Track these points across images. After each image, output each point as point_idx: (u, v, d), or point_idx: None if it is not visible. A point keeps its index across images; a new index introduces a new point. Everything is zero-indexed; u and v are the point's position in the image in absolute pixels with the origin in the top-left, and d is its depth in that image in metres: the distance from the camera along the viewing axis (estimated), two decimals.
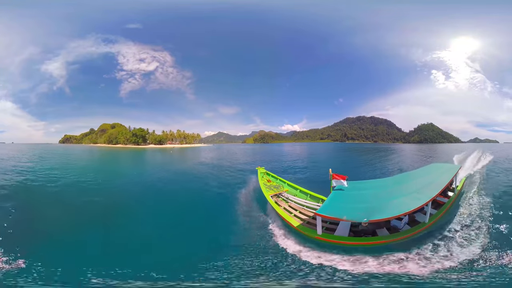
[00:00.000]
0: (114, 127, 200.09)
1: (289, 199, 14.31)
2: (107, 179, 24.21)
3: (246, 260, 8.63)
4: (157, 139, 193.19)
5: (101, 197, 17.02)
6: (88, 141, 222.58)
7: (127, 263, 8.50)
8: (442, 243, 9.15)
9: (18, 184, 19.53)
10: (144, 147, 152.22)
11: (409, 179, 12.74)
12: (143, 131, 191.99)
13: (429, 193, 9.96)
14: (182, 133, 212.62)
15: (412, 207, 8.94)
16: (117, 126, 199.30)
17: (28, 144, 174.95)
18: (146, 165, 45.44)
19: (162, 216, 13.92)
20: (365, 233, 9.72)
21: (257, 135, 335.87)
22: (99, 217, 13.31)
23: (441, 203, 12.13)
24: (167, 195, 18.68)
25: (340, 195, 11.26)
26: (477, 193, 14.20)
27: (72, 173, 26.56)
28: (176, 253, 9.53)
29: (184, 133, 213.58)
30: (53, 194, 17.65)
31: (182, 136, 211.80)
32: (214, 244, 10.22)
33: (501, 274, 7.33)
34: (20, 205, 14.20)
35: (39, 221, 12.32)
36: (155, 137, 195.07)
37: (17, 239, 10.02)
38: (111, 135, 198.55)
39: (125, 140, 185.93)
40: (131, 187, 20.97)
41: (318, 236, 9.52)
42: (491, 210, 11.69)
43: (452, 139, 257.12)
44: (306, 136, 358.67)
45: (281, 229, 10.89)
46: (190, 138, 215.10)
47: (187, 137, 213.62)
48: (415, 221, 10.53)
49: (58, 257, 8.83)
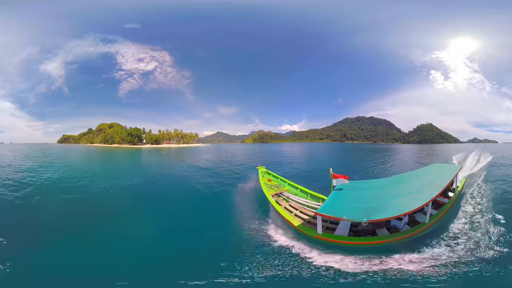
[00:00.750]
0: (112, 127, 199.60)
1: (290, 199, 14.37)
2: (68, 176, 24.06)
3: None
4: (153, 138, 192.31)
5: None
6: (85, 141, 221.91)
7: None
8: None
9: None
10: (139, 147, 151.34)
11: (409, 179, 12.80)
12: (138, 130, 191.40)
13: (430, 194, 10.00)
14: (180, 132, 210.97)
15: (412, 207, 8.98)
16: (115, 126, 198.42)
17: (27, 144, 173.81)
18: (123, 167, 40.30)
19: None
20: (365, 233, 9.76)
21: (256, 135, 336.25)
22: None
23: (441, 203, 12.19)
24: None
25: (340, 194, 11.31)
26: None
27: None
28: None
29: (182, 133, 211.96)
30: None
31: (180, 135, 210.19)
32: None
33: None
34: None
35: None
36: (151, 137, 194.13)
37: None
38: (106, 135, 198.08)
39: (120, 139, 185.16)
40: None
41: (318, 235, 9.55)
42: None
43: (451, 139, 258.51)
44: (305, 136, 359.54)
45: (282, 228, 10.93)
46: (188, 137, 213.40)
47: (185, 137, 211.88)
48: (415, 221, 10.58)
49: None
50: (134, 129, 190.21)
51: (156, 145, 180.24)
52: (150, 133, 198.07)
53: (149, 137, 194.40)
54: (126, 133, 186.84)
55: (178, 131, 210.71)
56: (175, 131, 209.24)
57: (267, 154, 65.49)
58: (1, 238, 9.94)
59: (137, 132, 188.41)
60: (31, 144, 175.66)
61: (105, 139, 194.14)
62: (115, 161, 53.51)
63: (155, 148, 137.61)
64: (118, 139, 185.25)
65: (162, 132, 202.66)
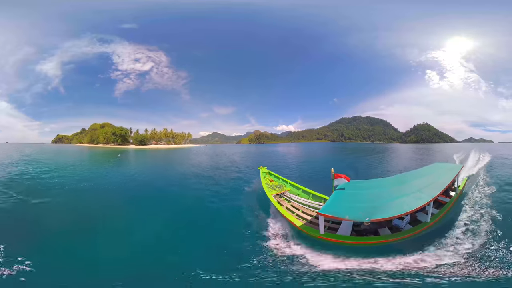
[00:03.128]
0: (104, 127, 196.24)
1: (292, 199, 14.49)
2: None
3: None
4: (138, 139, 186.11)
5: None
6: (76, 141, 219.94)
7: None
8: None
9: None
10: (123, 147, 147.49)
11: (410, 179, 12.95)
12: (123, 130, 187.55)
13: (431, 193, 10.15)
14: (170, 132, 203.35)
15: (413, 207, 9.13)
16: (107, 126, 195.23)
17: (22, 144, 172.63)
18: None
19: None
20: (367, 232, 9.91)
21: (253, 135, 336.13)
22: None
23: (443, 202, 12.36)
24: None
25: (342, 194, 11.42)
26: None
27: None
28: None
29: (172, 133, 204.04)
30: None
31: (170, 135, 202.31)
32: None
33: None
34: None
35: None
36: (136, 137, 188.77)
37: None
38: (93, 134, 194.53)
39: (105, 139, 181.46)
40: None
41: (321, 235, 9.65)
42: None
43: (448, 139, 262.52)
44: (302, 136, 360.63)
45: (284, 228, 11.06)
46: (180, 137, 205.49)
47: (176, 137, 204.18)
48: (417, 221, 10.74)
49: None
50: (119, 128, 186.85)
51: (141, 145, 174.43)
52: (138, 133, 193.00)
53: (134, 137, 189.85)
54: (110, 133, 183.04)
55: (168, 131, 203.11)
56: (164, 130, 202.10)
57: (268, 156, 59.10)
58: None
59: (121, 132, 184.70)
60: (26, 144, 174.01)
61: (92, 139, 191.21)
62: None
63: (138, 149, 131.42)
64: (102, 139, 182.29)
65: (152, 132, 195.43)
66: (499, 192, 14.49)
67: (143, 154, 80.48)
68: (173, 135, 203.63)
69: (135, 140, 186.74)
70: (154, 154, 77.86)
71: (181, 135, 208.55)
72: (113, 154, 70.98)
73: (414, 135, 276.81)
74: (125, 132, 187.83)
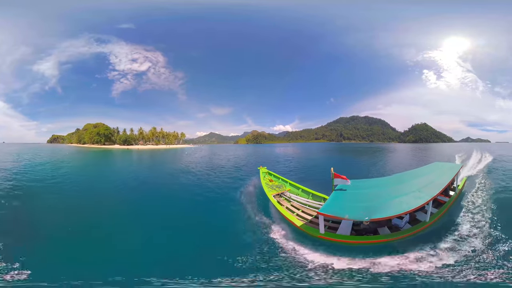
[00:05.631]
0: (97, 126, 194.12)
1: (291, 199, 14.66)
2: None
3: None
4: (122, 138, 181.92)
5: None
6: (68, 141, 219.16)
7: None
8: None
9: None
10: (107, 147, 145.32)
11: (410, 178, 13.18)
12: (107, 129, 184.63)
13: (430, 192, 10.37)
14: (160, 132, 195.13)
15: (413, 206, 9.33)
16: (99, 126, 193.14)
17: (18, 144, 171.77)
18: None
19: None
20: (366, 231, 10.11)
21: (250, 135, 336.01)
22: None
23: (442, 202, 12.60)
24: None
25: (342, 194, 11.60)
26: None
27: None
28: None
29: (162, 132, 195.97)
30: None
31: (160, 135, 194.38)
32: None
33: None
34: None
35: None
36: (120, 137, 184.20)
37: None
38: (80, 134, 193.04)
39: (90, 139, 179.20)
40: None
41: (321, 235, 9.80)
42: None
43: (446, 138, 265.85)
44: (300, 136, 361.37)
45: (284, 228, 11.20)
46: (171, 137, 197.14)
47: (167, 137, 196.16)
48: (416, 220, 10.97)
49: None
50: (103, 128, 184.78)
51: (126, 146, 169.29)
52: (125, 133, 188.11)
53: (118, 137, 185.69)
54: (95, 132, 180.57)
55: (157, 131, 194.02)
56: (153, 129, 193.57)
57: (268, 158, 52.80)
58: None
59: (106, 132, 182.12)
60: (22, 144, 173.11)
61: (79, 139, 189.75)
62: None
63: (123, 149, 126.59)
64: (88, 139, 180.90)
65: (139, 132, 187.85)
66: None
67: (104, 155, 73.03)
68: (163, 135, 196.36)
69: (119, 140, 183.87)
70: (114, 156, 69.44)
71: (173, 135, 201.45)
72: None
73: (412, 135, 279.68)
74: (110, 132, 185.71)
